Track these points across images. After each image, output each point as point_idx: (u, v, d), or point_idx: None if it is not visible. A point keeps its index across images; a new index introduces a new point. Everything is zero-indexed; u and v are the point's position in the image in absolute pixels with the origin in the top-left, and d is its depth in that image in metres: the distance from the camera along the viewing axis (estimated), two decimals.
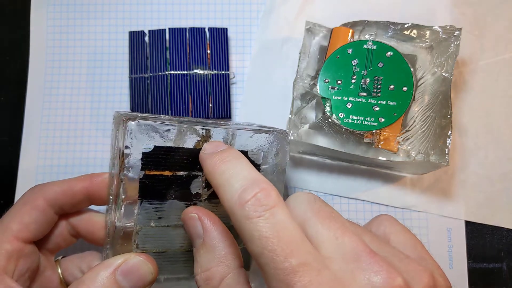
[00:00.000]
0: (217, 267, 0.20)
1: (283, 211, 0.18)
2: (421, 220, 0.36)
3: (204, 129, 0.25)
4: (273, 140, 0.27)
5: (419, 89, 0.32)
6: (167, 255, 0.25)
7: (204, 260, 0.20)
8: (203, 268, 0.20)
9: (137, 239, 0.25)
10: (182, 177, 0.25)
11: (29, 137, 0.38)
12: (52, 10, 0.39)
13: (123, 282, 0.21)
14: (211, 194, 0.25)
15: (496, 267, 0.36)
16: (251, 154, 0.26)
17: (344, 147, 0.33)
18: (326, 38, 0.34)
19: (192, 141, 0.25)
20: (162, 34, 0.37)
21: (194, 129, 0.25)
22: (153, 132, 0.24)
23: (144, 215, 0.25)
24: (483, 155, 0.36)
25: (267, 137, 0.26)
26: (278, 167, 0.27)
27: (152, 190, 0.25)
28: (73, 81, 0.38)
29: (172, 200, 0.25)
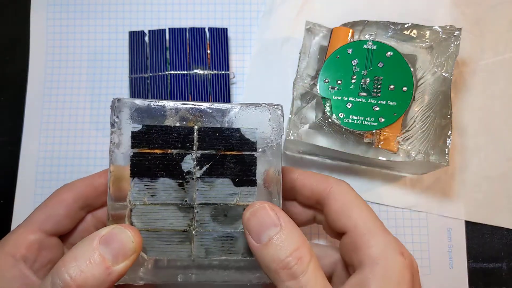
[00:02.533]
0: (304, 244, 0.22)
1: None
2: (421, 220, 0.36)
3: (195, 109, 0.26)
4: (266, 115, 0.26)
5: (419, 89, 0.32)
6: (162, 235, 0.25)
7: (289, 242, 0.21)
8: (291, 249, 0.21)
9: (132, 217, 0.25)
10: (172, 155, 0.25)
11: (29, 137, 0.38)
12: (52, 10, 0.39)
13: (104, 250, 0.21)
14: (205, 172, 0.25)
15: (496, 267, 0.36)
16: (244, 130, 0.26)
17: (344, 147, 0.33)
18: (326, 38, 0.34)
19: (183, 120, 0.25)
20: (162, 34, 0.37)
21: (185, 109, 0.25)
22: (141, 112, 0.25)
23: (136, 192, 0.25)
24: (483, 155, 0.36)
25: (259, 113, 0.26)
26: (273, 143, 0.27)
27: (142, 168, 0.25)
28: (73, 81, 0.38)
29: (163, 178, 0.25)
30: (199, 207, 0.25)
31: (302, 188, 0.27)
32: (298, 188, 0.28)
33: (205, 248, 0.25)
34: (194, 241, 0.25)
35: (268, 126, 0.26)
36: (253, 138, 0.26)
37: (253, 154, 0.26)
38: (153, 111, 0.25)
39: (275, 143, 0.26)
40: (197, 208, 0.25)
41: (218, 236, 0.25)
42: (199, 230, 0.25)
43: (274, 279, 0.21)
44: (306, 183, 0.27)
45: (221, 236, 0.25)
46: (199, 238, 0.26)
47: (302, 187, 0.27)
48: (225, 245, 0.25)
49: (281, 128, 0.26)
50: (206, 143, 0.25)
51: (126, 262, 0.21)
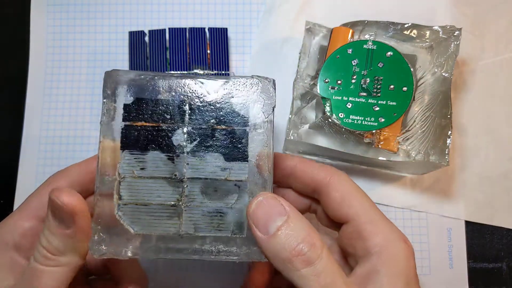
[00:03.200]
0: (313, 230, 0.22)
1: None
2: (421, 220, 0.36)
3: (189, 83, 0.25)
4: (257, 88, 0.26)
5: (419, 89, 0.32)
6: (150, 209, 0.25)
7: (299, 229, 0.21)
8: (302, 236, 0.21)
9: (120, 190, 0.25)
10: (163, 128, 0.25)
11: (29, 137, 0.38)
12: (52, 10, 0.39)
13: (54, 221, 0.23)
14: (195, 146, 0.25)
15: (496, 267, 0.36)
16: (236, 104, 0.25)
17: (344, 147, 0.33)
18: (326, 38, 0.34)
19: (175, 94, 0.25)
20: (162, 34, 0.37)
21: (178, 82, 0.25)
22: (134, 84, 0.25)
23: (126, 164, 0.25)
24: (483, 155, 0.36)
25: (249, 86, 0.26)
26: (265, 117, 0.26)
27: (133, 140, 0.25)
28: (73, 81, 0.38)
29: (153, 151, 0.25)
30: (189, 181, 0.25)
31: (301, 175, 0.27)
32: (297, 174, 0.27)
33: (194, 223, 0.25)
34: (182, 216, 0.25)
35: (260, 99, 0.26)
36: (245, 112, 0.25)
37: (245, 129, 0.25)
38: (145, 83, 0.25)
39: (266, 116, 0.26)
40: (186, 182, 0.25)
41: (208, 211, 0.25)
42: (188, 205, 0.25)
43: (286, 269, 0.21)
44: (307, 170, 0.27)
45: (210, 212, 0.25)
46: (188, 213, 0.25)
47: (302, 174, 0.27)
48: (215, 221, 0.25)
49: (273, 101, 0.26)
50: (197, 117, 0.25)
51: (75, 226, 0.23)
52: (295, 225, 0.21)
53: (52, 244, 0.23)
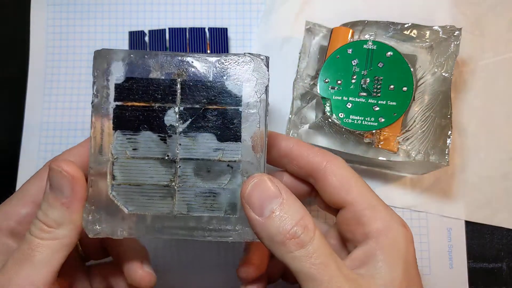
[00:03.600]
0: (307, 213, 0.22)
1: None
2: (421, 220, 0.36)
3: (179, 60, 0.25)
4: (250, 66, 0.25)
5: (419, 89, 0.32)
6: (143, 190, 0.25)
7: (293, 212, 0.21)
8: (296, 219, 0.21)
9: (113, 170, 0.25)
10: (155, 108, 0.25)
11: (29, 137, 0.38)
12: (52, 10, 0.39)
13: (53, 193, 0.24)
14: (187, 127, 0.25)
15: (496, 267, 0.36)
16: (228, 83, 0.25)
17: (344, 147, 0.33)
18: (326, 38, 0.34)
19: (167, 72, 0.25)
20: (162, 34, 0.37)
21: (169, 61, 0.25)
22: (125, 63, 0.25)
23: (118, 145, 0.25)
24: (483, 155, 0.36)
25: (242, 63, 0.25)
26: (258, 96, 0.26)
27: (124, 121, 0.25)
28: (73, 81, 0.38)
29: (146, 132, 0.25)
30: (182, 161, 0.25)
31: (297, 158, 0.26)
32: (293, 156, 0.27)
33: (187, 204, 0.25)
34: (176, 197, 0.25)
35: (252, 77, 0.25)
36: (238, 91, 0.25)
37: (237, 109, 0.25)
38: (136, 62, 0.25)
39: (259, 95, 0.25)
40: (179, 163, 0.25)
41: (201, 192, 0.25)
42: (181, 185, 0.25)
43: (280, 251, 0.21)
44: (303, 153, 0.26)
45: (203, 192, 0.25)
46: (181, 193, 0.25)
47: (298, 157, 0.26)
48: (208, 201, 0.25)
49: (266, 79, 0.25)
50: (189, 97, 0.25)
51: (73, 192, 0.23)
52: (290, 208, 0.21)
53: (49, 216, 0.23)
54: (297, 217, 0.21)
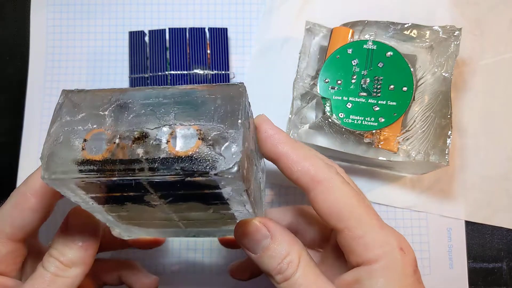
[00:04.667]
0: (293, 250, 0.23)
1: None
2: (421, 220, 0.36)
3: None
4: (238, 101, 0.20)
5: (419, 89, 0.32)
6: (143, 224, 0.26)
7: (280, 250, 0.23)
8: (282, 256, 0.23)
9: (111, 218, 0.25)
10: (131, 196, 0.22)
11: (29, 137, 0.38)
12: (52, 10, 0.39)
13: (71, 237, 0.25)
14: (170, 201, 0.22)
15: (496, 267, 0.36)
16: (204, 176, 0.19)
17: (344, 147, 0.33)
18: (326, 38, 0.34)
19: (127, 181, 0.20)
20: (162, 34, 0.37)
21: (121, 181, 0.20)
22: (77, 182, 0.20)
23: (109, 210, 0.24)
24: (483, 155, 0.36)
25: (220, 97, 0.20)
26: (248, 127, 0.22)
27: (107, 199, 0.22)
28: (73, 81, 0.38)
29: (132, 204, 0.23)
30: (179, 217, 0.25)
31: (285, 171, 0.24)
32: (281, 167, 0.24)
33: (193, 234, 0.26)
34: (180, 228, 0.26)
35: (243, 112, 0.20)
36: (214, 182, 0.20)
37: (216, 178, 0.19)
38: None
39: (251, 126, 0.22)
40: (176, 217, 0.25)
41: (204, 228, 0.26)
42: (185, 224, 0.25)
43: (272, 281, 0.24)
44: (292, 167, 0.23)
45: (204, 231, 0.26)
46: (185, 230, 0.25)
47: (286, 170, 0.24)
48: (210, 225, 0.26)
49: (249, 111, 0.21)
50: (163, 189, 0.21)
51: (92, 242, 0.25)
52: (277, 246, 0.23)
53: (66, 255, 0.24)
54: (283, 254, 0.23)
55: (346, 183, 0.23)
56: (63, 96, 0.21)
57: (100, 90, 0.21)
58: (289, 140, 0.23)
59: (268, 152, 0.24)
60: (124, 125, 0.20)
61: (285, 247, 0.23)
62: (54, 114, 0.21)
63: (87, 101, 0.21)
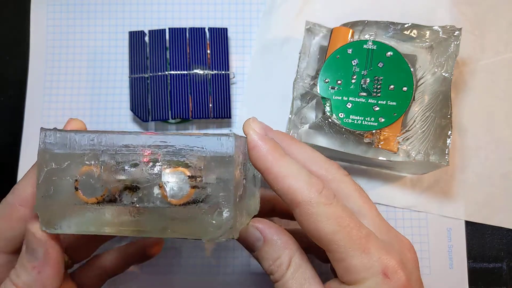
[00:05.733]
0: (284, 253, 0.23)
1: (340, 199, 0.23)
2: (421, 220, 0.36)
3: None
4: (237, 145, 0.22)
5: (419, 89, 0.32)
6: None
7: (271, 253, 0.23)
8: (273, 259, 0.23)
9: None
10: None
11: (29, 137, 0.38)
12: (52, 10, 0.39)
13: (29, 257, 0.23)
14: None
15: (496, 267, 0.36)
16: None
17: (344, 147, 0.33)
18: (326, 38, 0.34)
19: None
20: (162, 34, 0.37)
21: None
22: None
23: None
24: (483, 155, 0.36)
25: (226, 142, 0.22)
26: (253, 173, 0.25)
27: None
28: (73, 81, 0.38)
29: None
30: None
31: (270, 184, 0.23)
32: (267, 182, 0.23)
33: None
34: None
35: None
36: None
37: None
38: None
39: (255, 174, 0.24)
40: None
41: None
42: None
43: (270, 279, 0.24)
44: (275, 185, 0.23)
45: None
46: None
47: (271, 184, 0.23)
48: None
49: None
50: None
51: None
52: (269, 249, 0.24)
53: (21, 278, 0.23)
54: (274, 257, 0.23)
55: (329, 204, 0.22)
56: (43, 137, 0.23)
57: (80, 132, 0.23)
58: (274, 152, 0.22)
59: (253, 164, 0.23)
60: (114, 172, 0.21)
61: (277, 250, 0.23)
62: (38, 158, 0.22)
63: (70, 145, 0.22)
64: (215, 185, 0.21)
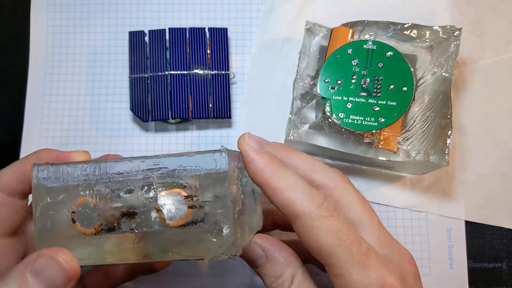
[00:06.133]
0: (286, 271, 0.23)
1: (341, 211, 0.22)
2: (421, 220, 0.36)
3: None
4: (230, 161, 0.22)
5: (419, 89, 0.32)
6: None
7: (273, 271, 0.23)
8: (275, 277, 0.23)
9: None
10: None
11: (29, 137, 0.38)
12: (52, 10, 0.39)
13: (34, 282, 0.21)
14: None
15: (496, 267, 0.36)
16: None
17: (344, 147, 0.33)
18: (326, 38, 0.34)
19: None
20: (162, 34, 0.37)
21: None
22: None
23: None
24: (483, 155, 0.36)
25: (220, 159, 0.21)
26: (252, 187, 0.25)
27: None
28: (73, 81, 0.38)
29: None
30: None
31: (269, 198, 0.23)
32: (266, 195, 0.23)
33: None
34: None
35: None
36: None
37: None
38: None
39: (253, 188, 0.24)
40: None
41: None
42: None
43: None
44: (272, 200, 0.22)
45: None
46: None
47: (269, 198, 0.23)
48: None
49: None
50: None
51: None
52: (271, 266, 0.23)
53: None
54: (276, 274, 0.23)
55: (329, 217, 0.21)
56: (35, 173, 0.22)
57: (72, 164, 0.22)
58: (271, 164, 0.22)
59: (252, 178, 0.23)
60: (109, 200, 0.22)
61: (279, 268, 0.23)
62: (33, 194, 0.22)
63: (63, 178, 0.22)
64: (212, 203, 0.21)
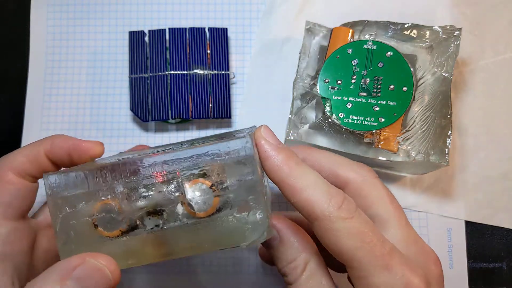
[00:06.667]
0: (299, 256, 0.22)
1: (362, 211, 0.21)
2: (421, 220, 0.36)
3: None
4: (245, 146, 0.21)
5: (419, 89, 0.32)
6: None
7: (286, 254, 0.23)
8: (288, 261, 0.22)
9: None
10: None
11: (29, 137, 0.38)
12: (52, 10, 0.39)
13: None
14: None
15: (496, 267, 0.36)
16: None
17: (344, 147, 0.33)
18: (326, 38, 0.34)
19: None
20: (162, 34, 0.37)
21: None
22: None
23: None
24: (483, 155, 0.36)
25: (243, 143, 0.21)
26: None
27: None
28: (73, 81, 0.38)
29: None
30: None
31: (286, 198, 0.22)
32: (283, 193, 0.23)
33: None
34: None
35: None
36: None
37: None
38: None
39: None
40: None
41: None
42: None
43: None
44: (291, 200, 0.22)
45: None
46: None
47: (287, 197, 0.22)
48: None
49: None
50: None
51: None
52: (284, 249, 0.23)
53: None
54: (288, 259, 0.23)
55: (350, 218, 0.20)
56: (48, 183, 0.21)
57: (86, 166, 0.22)
58: (289, 161, 0.21)
59: (268, 176, 0.22)
60: (134, 200, 0.21)
61: (292, 252, 0.22)
62: (49, 205, 0.21)
63: (77, 184, 0.21)
64: (238, 188, 0.21)
